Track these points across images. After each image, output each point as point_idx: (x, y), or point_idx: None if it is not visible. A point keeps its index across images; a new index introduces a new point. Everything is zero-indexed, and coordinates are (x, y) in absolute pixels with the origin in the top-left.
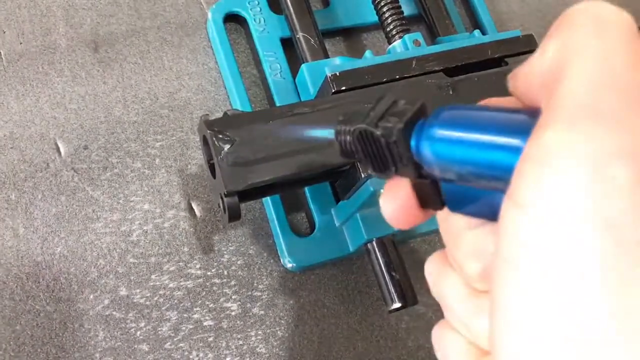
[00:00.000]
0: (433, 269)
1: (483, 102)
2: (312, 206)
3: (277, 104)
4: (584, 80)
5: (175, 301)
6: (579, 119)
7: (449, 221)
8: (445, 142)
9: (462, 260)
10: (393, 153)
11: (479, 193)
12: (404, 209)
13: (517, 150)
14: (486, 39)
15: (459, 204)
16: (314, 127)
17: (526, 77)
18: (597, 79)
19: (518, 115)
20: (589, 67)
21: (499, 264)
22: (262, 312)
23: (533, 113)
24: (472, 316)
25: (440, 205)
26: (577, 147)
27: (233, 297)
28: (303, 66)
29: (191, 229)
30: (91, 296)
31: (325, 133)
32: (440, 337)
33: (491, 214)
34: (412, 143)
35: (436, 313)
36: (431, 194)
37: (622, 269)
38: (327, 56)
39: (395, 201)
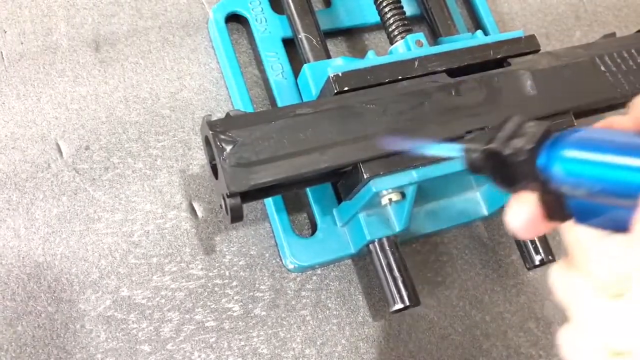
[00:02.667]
0: (559, 276)
1: (605, 123)
2: (314, 207)
3: (279, 105)
4: None
5: (177, 302)
6: None
7: (578, 232)
8: (577, 163)
9: (594, 267)
10: (521, 171)
11: (605, 207)
12: (531, 221)
13: None
14: (488, 39)
15: (585, 217)
16: (436, 142)
17: None
18: None
19: None
20: None
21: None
22: (264, 312)
23: None
24: (604, 319)
25: (566, 217)
26: None
27: (235, 297)
28: (305, 66)
29: (193, 230)
30: (93, 297)
31: (450, 149)
32: (571, 341)
33: (617, 226)
34: (540, 162)
35: (438, 315)
36: (557, 207)
37: None
38: (329, 56)
39: (523, 213)
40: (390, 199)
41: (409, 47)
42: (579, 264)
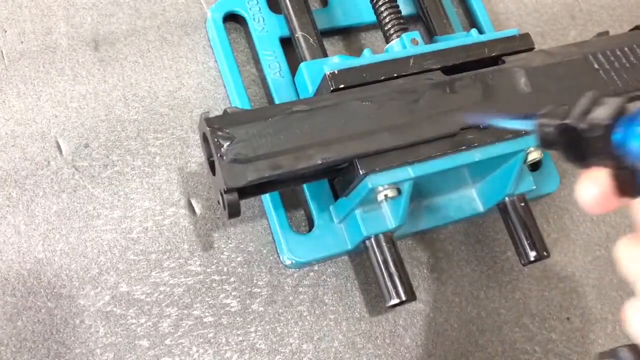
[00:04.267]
0: (626, 250)
1: None
2: (310, 203)
3: (276, 103)
4: None
5: (176, 297)
6: None
7: None
8: None
9: None
10: (595, 146)
11: None
12: (602, 196)
13: None
14: (483, 37)
15: None
16: (510, 117)
17: None
18: None
19: None
20: None
21: None
22: (261, 308)
23: None
24: None
25: (638, 193)
26: None
27: (233, 293)
28: (302, 65)
29: (191, 226)
30: (92, 292)
31: (523, 124)
32: (638, 314)
33: None
34: (616, 137)
35: (434, 310)
36: (630, 183)
37: None
38: (325, 55)
39: (594, 188)
40: (386, 195)
41: (405, 45)
42: None
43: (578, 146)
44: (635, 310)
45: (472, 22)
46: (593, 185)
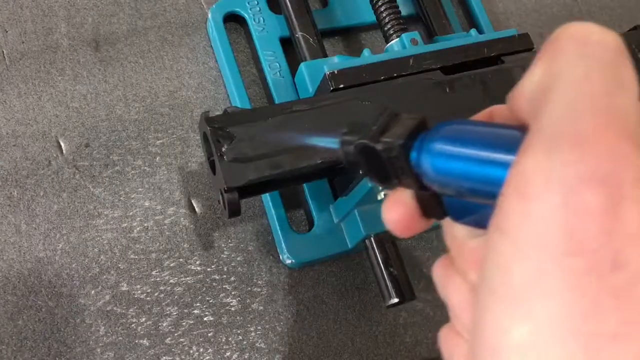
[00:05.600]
0: (440, 273)
1: (486, 113)
2: (310, 203)
3: (276, 103)
4: (563, 105)
5: (176, 297)
6: (556, 144)
7: (453, 229)
8: (443, 157)
9: (464, 267)
10: (395, 166)
11: (478, 205)
12: (407, 218)
13: (506, 167)
14: (483, 37)
15: (460, 214)
16: (318, 134)
17: (518, 97)
18: (575, 104)
19: (510, 132)
20: (569, 92)
21: (480, 285)
22: (261, 307)
23: (524, 130)
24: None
25: (443, 215)
26: (552, 174)
27: (233, 292)
28: (302, 65)
29: (191, 226)
30: (92, 292)
31: (329, 142)
32: (446, 340)
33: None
34: (413, 156)
35: (434, 309)
36: (433, 204)
37: (593, 293)
38: (325, 55)
39: (398, 210)
40: (385, 194)
41: (405, 45)
42: (455, 262)
43: (379, 166)
44: (445, 337)
45: (471, 22)
46: (397, 208)
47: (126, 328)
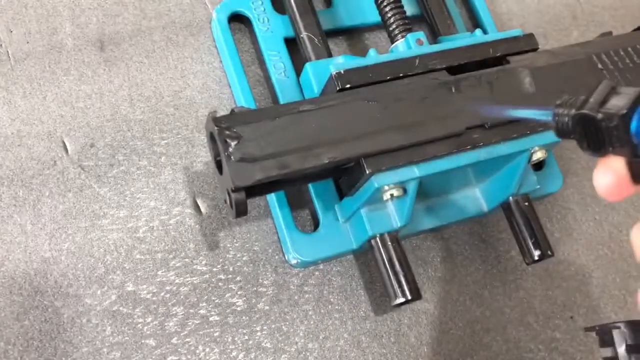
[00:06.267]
0: None
1: None
2: (316, 203)
3: (281, 103)
4: None
5: (182, 297)
6: None
7: None
8: None
9: None
10: (612, 135)
11: None
12: (618, 184)
13: None
14: (488, 38)
15: None
16: (527, 107)
17: None
18: None
19: None
20: None
21: None
22: (267, 307)
23: None
24: None
25: None
26: None
27: (238, 292)
28: (307, 65)
29: (197, 226)
30: (98, 292)
31: (539, 114)
32: None
33: None
34: (633, 126)
35: (438, 309)
36: None
37: None
38: (330, 55)
39: (610, 176)
40: (391, 195)
41: (410, 45)
42: None
43: (595, 135)
44: None
45: (475, 22)
46: (610, 173)
47: (132, 328)
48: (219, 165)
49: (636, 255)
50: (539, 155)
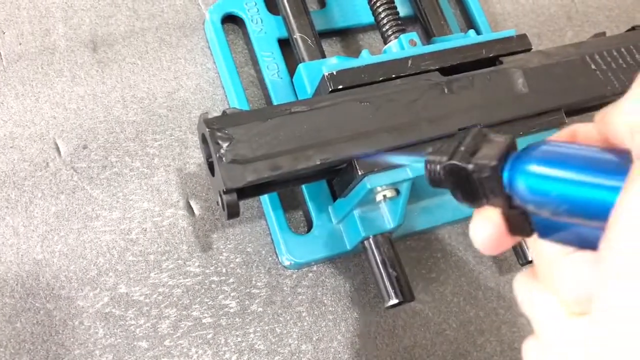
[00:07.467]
0: (522, 287)
1: (568, 131)
2: (309, 204)
3: (275, 104)
4: None
5: (174, 299)
6: None
7: (542, 246)
8: (541, 179)
9: (557, 284)
10: (485, 186)
11: (568, 223)
12: (495, 236)
13: (615, 191)
14: (481, 38)
15: (549, 233)
16: (403, 153)
17: (613, 118)
18: None
19: (612, 156)
20: None
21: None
22: (260, 309)
23: (623, 155)
24: (565, 337)
25: (530, 232)
26: None
27: (232, 294)
28: (300, 66)
29: (190, 227)
30: (91, 294)
31: (414, 160)
32: (533, 355)
33: (583, 243)
34: (505, 177)
35: (433, 311)
36: (521, 222)
37: None
38: (323, 56)
39: (486, 229)
40: (384, 196)
41: (403, 46)
42: (543, 278)
43: (468, 186)
44: (531, 347)
45: (469, 23)
46: (485, 226)
47: (125, 330)
48: (211, 167)
49: (520, 307)
50: None
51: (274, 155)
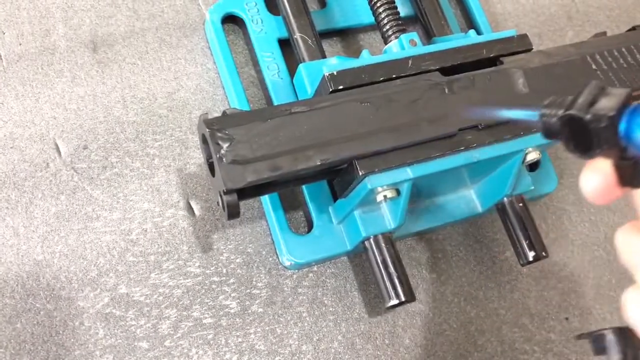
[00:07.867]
0: (626, 239)
1: None
2: (310, 205)
3: (275, 104)
4: None
5: (175, 299)
6: None
7: None
8: None
9: None
10: (600, 137)
11: None
12: (604, 187)
13: None
14: (481, 38)
15: None
16: (511, 107)
17: None
18: None
19: None
20: None
21: None
22: (260, 309)
23: None
24: None
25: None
26: None
27: (232, 295)
28: (301, 66)
29: (190, 228)
30: (91, 294)
31: (526, 114)
32: (637, 303)
33: None
34: (621, 127)
35: (433, 311)
36: (632, 173)
37: None
38: (324, 56)
39: (597, 179)
40: (385, 196)
41: (403, 46)
42: None
43: (582, 137)
44: (633, 298)
45: (469, 23)
46: (596, 176)
47: (125, 331)
48: (211, 168)
49: (621, 259)
50: (533, 156)
51: (275, 155)
